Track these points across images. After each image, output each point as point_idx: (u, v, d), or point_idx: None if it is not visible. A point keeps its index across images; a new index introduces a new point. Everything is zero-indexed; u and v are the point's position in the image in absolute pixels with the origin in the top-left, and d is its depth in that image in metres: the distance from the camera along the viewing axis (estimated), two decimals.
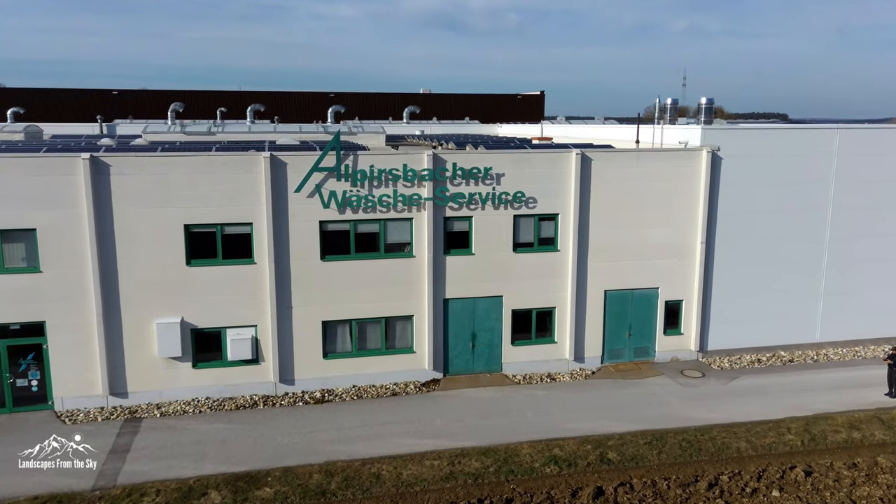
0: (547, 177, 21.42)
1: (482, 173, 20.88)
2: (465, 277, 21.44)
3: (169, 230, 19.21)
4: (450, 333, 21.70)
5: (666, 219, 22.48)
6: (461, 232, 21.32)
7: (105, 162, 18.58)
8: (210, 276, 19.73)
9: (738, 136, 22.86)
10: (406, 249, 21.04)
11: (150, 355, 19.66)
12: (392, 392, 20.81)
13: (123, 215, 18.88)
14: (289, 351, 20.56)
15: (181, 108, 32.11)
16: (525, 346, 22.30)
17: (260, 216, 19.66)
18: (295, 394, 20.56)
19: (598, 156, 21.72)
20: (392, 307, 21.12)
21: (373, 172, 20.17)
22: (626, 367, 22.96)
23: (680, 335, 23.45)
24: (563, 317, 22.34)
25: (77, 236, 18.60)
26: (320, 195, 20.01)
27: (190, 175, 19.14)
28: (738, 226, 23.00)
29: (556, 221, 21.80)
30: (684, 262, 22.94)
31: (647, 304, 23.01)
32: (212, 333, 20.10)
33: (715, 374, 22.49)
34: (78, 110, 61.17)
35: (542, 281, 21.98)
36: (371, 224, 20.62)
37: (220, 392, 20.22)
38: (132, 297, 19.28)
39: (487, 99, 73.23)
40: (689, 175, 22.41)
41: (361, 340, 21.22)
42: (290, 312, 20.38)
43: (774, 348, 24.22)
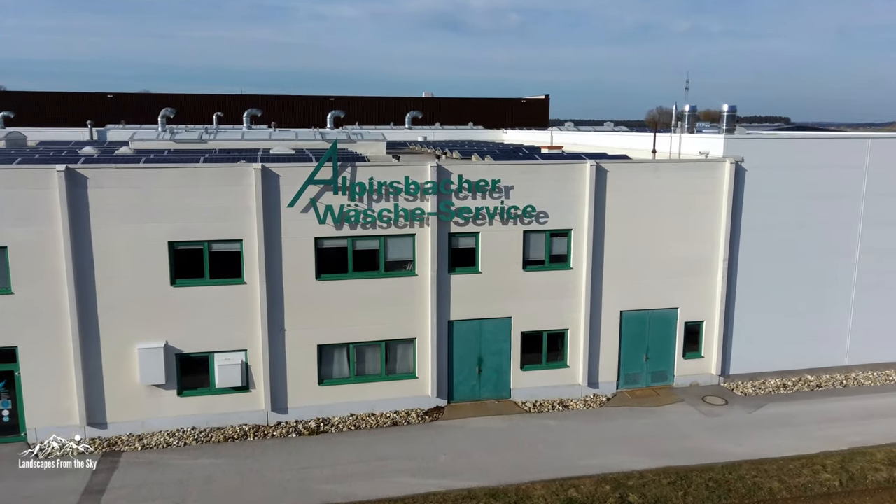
0: (559, 189, 19.96)
1: (490, 186, 19.43)
2: (471, 297, 19.97)
3: (152, 247, 17.77)
4: (455, 357, 20.23)
5: (686, 234, 21.02)
6: (467, 249, 19.85)
7: (82, 174, 17.14)
8: (196, 296, 18.27)
9: (762, 147, 21.39)
10: (408, 268, 19.58)
11: (131, 382, 18.19)
12: (392, 421, 19.33)
13: (102, 232, 17.44)
14: (281, 377, 19.10)
15: (172, 113, 30.71)
16: (535, 371, 20.81)
17: (250, 232, 18.22)
18: (288, 423, 19.08)
19: (614, 167, 20.26)
20: (393, 329, 19.65)
21: (372, 185, 18.72)
22: (643, 392, 21.46)
23: (700, 358, 21.95)
24: (576, 339, 20.85)
25: (52, 254, 17.16)
26: (316, 210, 18.56)
27: (174, 188, 17.69)
28: (762, 241, 21.53)
29: (568, 237, 20.34)
30: (705, 281, 21.47)
31: (666, 325, 21.52)
32: (198, 358, 18.63)
33: (738, 400, 20.99)
34: (71, 114, 59.74)
35: (553, 301, 20.51)
36: (370, 241, 19.16)
37: (207, 422, 18.75)
38: (112, 320, 17.82)
39: (491, 103, 71.75)
40: (710, 188, 20.94)
41: (360, 365, 19.75)
42: (283, 336, 18.92)
43: (800, 372, 22.71)
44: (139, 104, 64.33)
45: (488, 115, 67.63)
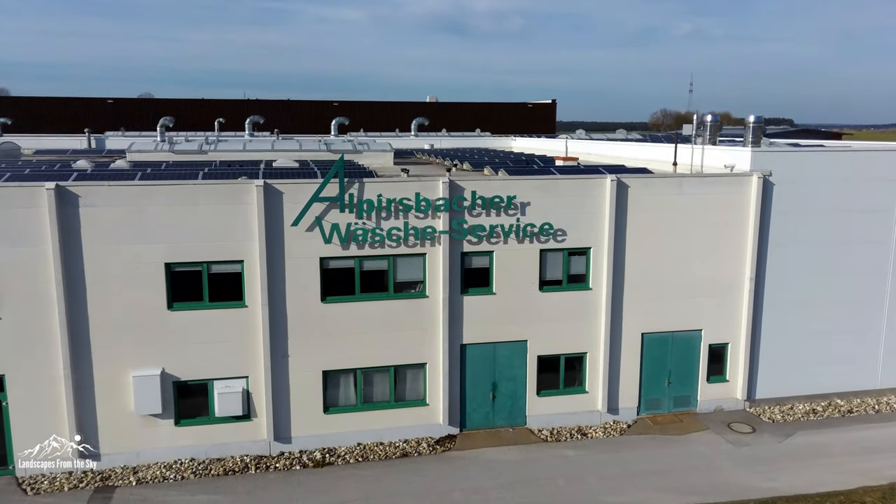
0: (578, 206, 18.90)
1: (505, 202, 18.37)
2: (484, 320, 18.91)
3: (147, 269, 16.73)
4: (467, 383, 19.15)
5: (711, 252, 19.94)
6: (481, 268, 18.79)
7: (73, 192, 16.11)
8: (195, 321, 17.23)
9: (792, 160, 20.32)
10: (418, 289, 18.52)
11: (125, 412, 17.15)
12: (402, 451, 18.25)
13: (95, 253, 16.40)
14: (285, 405, 18.04)
15: (171, 122, 29.66)
16: (552, 397, 19.73)
17: (252, 253, 17.17)
18: (292, 454, 18.01)
19: (636, 182, 19.19)
20: (402, 354, 18.59)
21: (381, 202, 17.68)
22: (666, 419, 20.36)
23: (725, 382, 20.85)
24: (594, 363, 19.77)
25: (41, 277, 16.12)
26: (321, 228, 17.51)
27: (171, 206, 16.66)
28: (790, 259, 20.44)
29: (587, 256, 19.26)
30: (730, 301, 20.37)
31: (689, 347, 20.43)
32: (197, 386, 17.59)
33: (767, 428, 19.87)
34: (70, 120, 58.92)
35: (571, 323, 19.43)
36: (379, 261, 18.11)
37: (206, 453, 17.70)
38: (105, 347, 16.78)
39: (497, 108, 70.79)
40: (736, 203, 19.85)
41: (367, 392, 18.68)
42: (286, 361, 17.87)
43: (829, 396, 21.60)
44: (139, 109, 63.45)
45: (495, 120, 66.65)
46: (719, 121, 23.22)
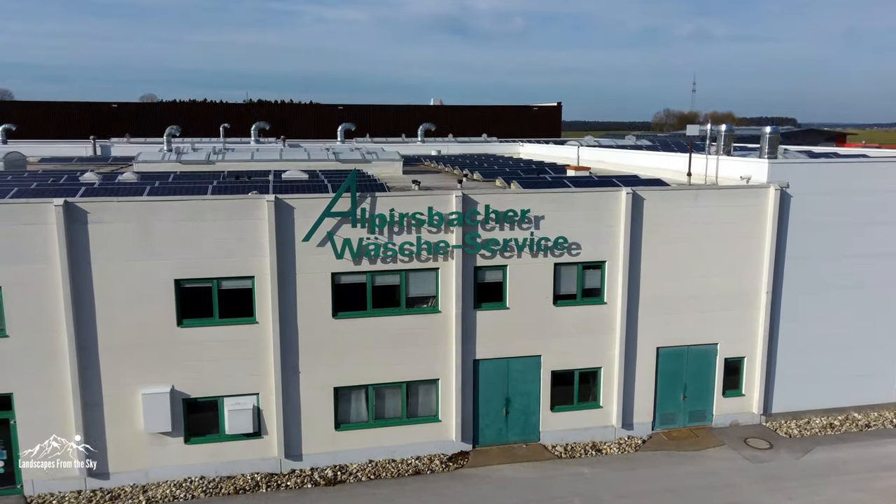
0: (593, 219, 18.62)
1: (519, 216, 18.10)
2: (498, 335, 18.64)
3: (157, 286, 16.49)
4: (480, 399, 18.89)
5: (727, 265, 19.64)
6: (494, 283, 18.52)
7: (81, 208, 15.87)
8: (205, 337, 16.99)
9: (809, 171, 20.02)
10: (430, 304, 18.26)
11: (135, 430, 16.91)
12: (414, 469, 17.99)
13: (103, 270, 16.17)
14: (296, 422, 17.79)
15: (177, 131, 29.47)
16: (566, 412, 19.45)
17: (263, 268, 16.93)
18: (303, 471, 17.76)
19: (651, 195, 18.90)
20: (414, 370, 18.33)
21: (393, 217, 17.41)
22: (681, 434, 20.07)
23: (741, 396, 20.55)
24: (609, 378, 19.49)
25: (49, 295, 15.89)
26: (332, 244, 17.26)
27: (181, 222, 16.42)
28: (807, 272, 20.13)
29: (602, 270, 18.98)
30: (747, 314, 20.07)
31: (705, 361, 20.13)
32: (207, 403, 17.35)
33: (784, 443, 19.57)
34: (75, 124, 58.81)
35: (586, 338, 19.15)
36: (391, 275, 17.85)
37: (216, 470, 17.45)
38: (114, 364, 16.55)
39: (502, 111, 70.61)
40: (753, 215, 19.56)
41: (379, 408, 18.42)
42: (297, 378, 17.62)
43: (846, 409, 21.28)
44: (144, 114, 63.32)
45: (500, 124, 66.45)
46: (733, 130, 22.92)
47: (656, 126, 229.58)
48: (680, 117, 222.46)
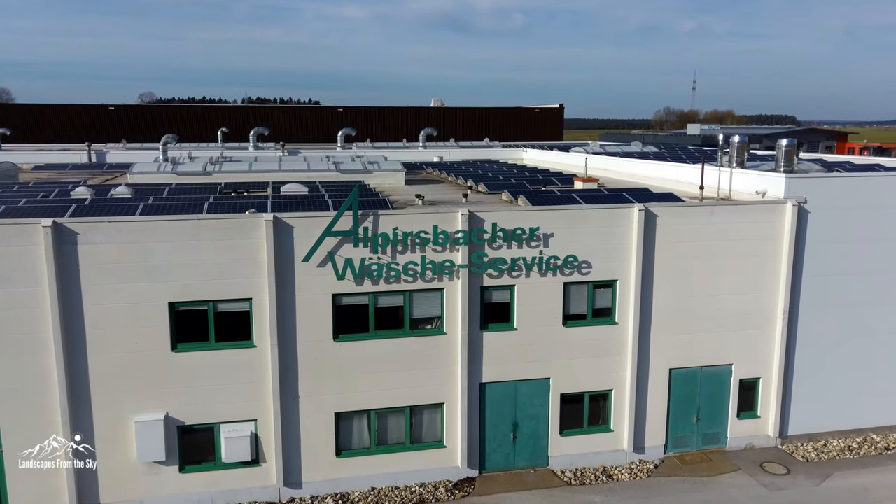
0: (604, 237, 17.92)
1: (527, 234, 17.40)
2: (505, 357, 17.95)
3: (150, 309, 15.79)
4: (487, 423, 18.20)
5: (742, 283, 18.95)
6: (501, 303, 17.82)
7: (71, 229, 15.16)
8: (200, 362, 16.29)
9: (828, 186, 19.32)
10: (435, 325, 17.57)
11: (127, 459, 16.22)
12: (419, 497, 17.30)
13: (94, 292, 15.47)
14: (295, 449, 17.10)
15: (174, 140, 28.74)
16: (575, 436, 18.76)
17: (261, 290, 16.23)
18: (303, 500, 17.09)
19: (665, 211, 18.20)
20: (418, 394, 17.64)
21: (396, 236, 16.71)
22: (694, 457, 19.38)
23: (756, 418, 19.86)
24: (620, 401, 18.80)
25: (37, 319, 15.19)
26: (334, 264, 16.56)
27: (175, 242, 15.71)
28: (825, 290, 19.44)
29: (613, 289, 18.29)
30: (762, 334, 19.39)
31: (719, 383, 19.44)
32: (203, 430, 16.65)
33: (801, 468, 18.89)
34: (72, 126, 58.09)
35: (596, 360, 18.46)
36: (394, 296, 17.15)
37: (212, 500, 16.77)
38: (105, 391, 15.85)
39: (504, 113, 69.88)
40: (770, 232, 18.86)
41: (382, 434, 17.73)
42: (296, 403, 16.93)
43: (864, 431, 20.61)
44: (141, 116, 62.57)
45: (502, 127, 65.70)
46: (747, 141, 22.20)
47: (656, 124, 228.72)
48: (680, 115, 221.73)
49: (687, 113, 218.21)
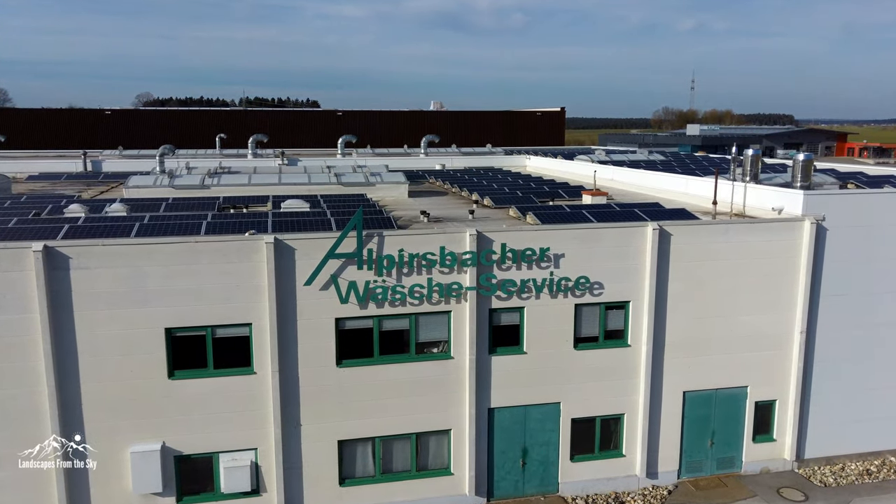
0: (616, 257, 17.32)
1: (537, 255, 16.79)
2: (514, 381, 17.34)
3: (146, 335, 15.16)
4: (495, 450, 17.59)
5: (758, 304, 18.35)
6: (510, 326, 17.21)
7: (63, 253, 14.53)
8: (198, 390, 15.67)
9: (847, 203, 18.73)
10: (442, 349, 16.96)
11: (123, 491, 15.59)
12: None
13: (87, 318, 14.83)
14: (297, 478, 16.47)
15: (171, 150, 28.13)
16: (587, 462, 18.16)
17: (261, 315, 15.60)
18: None
19: (679, 230, 17.60)
20: (425, 420, 17.02)
21: (402, 257, 16.09)
22: (709, 482, 18.78)
23: (772, 442, 19.27)
24: (633, 425, 18.20)
25: (28, 347, 14.56)
26: (337, 287, 15.93)
27: (172, 266, 15.08)
28: (844, 310, 18.85)
29: (626, 310, 17.68)
30: (779, 355, 18.79)
31: (734, 405, 18.85)
32: (201, 460, 16.02)
33: (819, 493, 18.30)
34: (68, 130, 57.41)
35: (608, 383, 17.86)
36: (399, 320, 16.53)
37: None
38: (100, 421, 15.22)
39: (505, 117, 69.29)
40: (787, 250, 18.26)
41: (387, 462, 17.11)
42: (298, 431, 16.31)
43: (882, 453, 20.03)
44: (138, 121, 61.86)
45: (503, 131, 65.08)
46: (760, 153, 21.59)
47: (655, 123, 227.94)
48: (679, 115, 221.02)
49: (686, 112, 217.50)
